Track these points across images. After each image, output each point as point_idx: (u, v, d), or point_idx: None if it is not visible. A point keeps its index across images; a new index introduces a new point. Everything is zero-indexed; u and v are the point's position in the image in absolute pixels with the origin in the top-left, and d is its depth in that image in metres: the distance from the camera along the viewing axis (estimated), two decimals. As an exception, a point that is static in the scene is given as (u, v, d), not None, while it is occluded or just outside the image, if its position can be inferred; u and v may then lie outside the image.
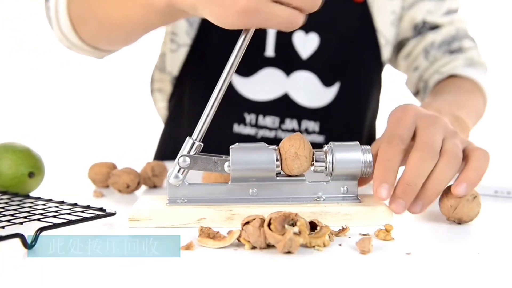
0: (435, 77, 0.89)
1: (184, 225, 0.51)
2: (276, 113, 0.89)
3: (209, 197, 0.53)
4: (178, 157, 0.53)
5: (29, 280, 0.38)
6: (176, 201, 0.53)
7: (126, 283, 0.38)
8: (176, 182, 0.53)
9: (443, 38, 0.90)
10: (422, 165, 0.51)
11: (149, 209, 0.52)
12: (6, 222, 0.48)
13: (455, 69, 0.88)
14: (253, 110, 0.89)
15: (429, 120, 0.55)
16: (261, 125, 0.89)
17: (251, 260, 0.42)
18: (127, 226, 0.51)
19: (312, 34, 0.89)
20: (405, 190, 0.50)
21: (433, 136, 0.53)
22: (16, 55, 2.05)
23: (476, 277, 0.39)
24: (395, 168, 0.52)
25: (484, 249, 0.45)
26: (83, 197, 0.65)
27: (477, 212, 0.52)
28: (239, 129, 0.90)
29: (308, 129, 0.90)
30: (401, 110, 0.57)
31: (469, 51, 0.91)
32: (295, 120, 0.90)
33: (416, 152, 0.52)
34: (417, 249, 0.45)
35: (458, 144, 0.54)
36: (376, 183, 0.51)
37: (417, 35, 0.92)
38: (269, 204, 0.53)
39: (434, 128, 0.54)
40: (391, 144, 0.53)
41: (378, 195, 0.50)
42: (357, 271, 0.40)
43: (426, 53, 0.91)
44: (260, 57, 0.88)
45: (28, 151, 0.63)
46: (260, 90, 0.89)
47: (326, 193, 0.54)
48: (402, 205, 0.50)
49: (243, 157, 0.52)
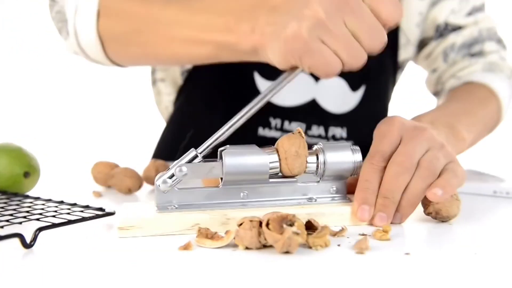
0: (451, 81, 0.87)
1: (178, 232, 0.49)
2: (302, 119, 0.87)
3: (200, 202, 0.52)
4: (175, 166, 0.50)
5: (28, 280, 0.38)
6: (166, 207, 0.51)
7: (125, 283, 0.38)
8: (165, 188, 0.51)
9: (464, 40, 0.88)
10: (398, 178, 0.51)
11: (139, 217, 0.49)
12: (5, 222, 0.48)
13: (472, 75, 0.85)
14: (279, 115, 0.87)
15: (413, 133, 0.54)
16: (287, 129, 0.87)
17: (249, 260, 0.42)
18: (118, 235, 0.49)
19: None
20: (384, 203, 0.51)
21: (413, 149, 0.53)
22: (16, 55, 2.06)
23: (474, 277, 0.39)
24: (374, 189, 0.52)
25: (481, 250, 0.45)
26: (82, 197, 0.65)
27: (455, 213, 0.53)
28: (263, 132, 0.87)
29: (336, 136, 0.89)
30: (387, 123, 0.56)
31: (490, 54, 0.88)
32: (322, 126, 0.88)
33: (391, 165, 0.52)
34: (414, 249, 0.45)
35: (438, 157, 0.53)
36: (356, 205, 0.51)
37: (438, 37, 0.90)
38: (263, 207, 0.52)
39: (416, 141, 0.53)
40: (371, 162, 0.53)
41: (359, 217, 0.51)
42: (355, 271, 0.40)
43: (445, 56, 0.89)
44: None
45: (22, 151, 0.63)
46: (288, 96, 0.86)
47: (315, 193, 0.54)
48: (384, 218, 0.51)
49: (236, 160, 0.51)
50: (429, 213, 0.53)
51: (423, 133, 0.54)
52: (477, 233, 0.50)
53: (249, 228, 0.44)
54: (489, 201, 0.65)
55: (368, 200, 0.51)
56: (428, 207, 0.53)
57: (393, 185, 0.51)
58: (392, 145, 0.54)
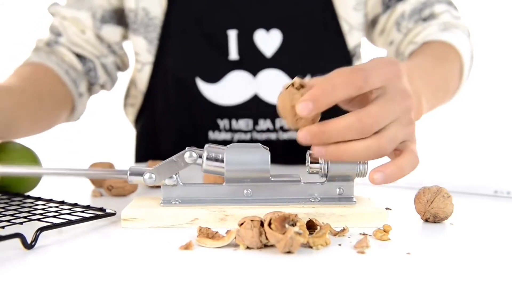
0: (409, 48, 0.85)
1: (178, 225, 0.51)
2: (248, 115, 0.90)
3: (203, 198, 0.53)
4: (144, 176, 0.52)
5: (29, 280, 0.38)
6: (170, 202, 0.53)
7: (125, 283, 0.38)
8: (171, 182, 0.53)
9: (413, 7, 0.87)
10: (349, 131, 0.47)
11: (142, 209, 0.52)
12: (6, 222, 0.48)
13: (428, 36, 0.83)
14: (225, 115, 0.90)
15: (397, 95, 0.49)
16: (235, 129, 0.90)
17: (250, 260, 0.42)
18: (122, 226, 0.51)
19: (274, 31, 0.88)
20: (321, 130, 0.47)
21: (385, 115, 0.47)
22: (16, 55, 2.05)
23: (474, 277, 0.39)
24: (331, 98, 0.46)
25: (482, 250, 0.45)
26: (83, 197, 0.65)
27: (451, 210, 0.53)
28: (214, 136, 0.91)
29: (284, 127, 0.90)
30: (392, 62, 0.50)
31: (442, 15, 0.86)
32: (268, 120, 0.90)
33: (353, 115, 0.47)
34: (414, 249, 0.45)
35: (398, 136, 0.49)
36: (305, 97, 0.46)
37: (386, 10, 0.89)
38: (263, 205, 0.52)
39: (394, 107, 0.48)
40: (352, 73, 0.47)
41: (299, 108, 0.46)
42: (356, 271, 0.40)
43: (398, 26, 0.88)
44: (224, 62, 0.89)
45: (25, 149, 0.63)
46: (229, 95, 0.89)
47: (321, 194, 0.53)
48: (309, 110, 0.46)
49: (237, 157, 0.52)
50: (427, 219, 0.53)
51: (405, 102, 0.49)
52: (477, 233, 0.51)
53: (250, 228, 0.44)
54: (489, 201, 0.65)
55: (319, 102, 0.46)
56: (424, 213, 0.53)
57: (339, 133, 0.47)
58: (379, 81, 0.48)
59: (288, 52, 0.89)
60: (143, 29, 0.90)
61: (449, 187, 0.69)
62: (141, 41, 0.91)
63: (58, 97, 0.83)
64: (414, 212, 0.55)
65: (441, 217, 0.52)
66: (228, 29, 0.88)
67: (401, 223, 0.53)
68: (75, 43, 0.87)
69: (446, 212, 0.52)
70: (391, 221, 0.52)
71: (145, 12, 0.89)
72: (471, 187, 0.68)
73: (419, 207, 0.53)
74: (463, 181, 0.71)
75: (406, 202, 0.61)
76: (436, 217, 0.52)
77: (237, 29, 0.88)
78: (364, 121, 0.47)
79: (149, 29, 0.90)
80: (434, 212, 0.52)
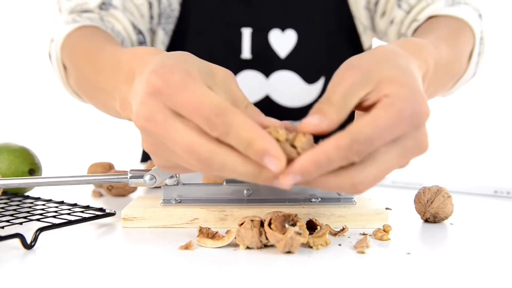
0: (412, 26, 0.76)
1: (177, 225, 0.51)
2: None
3: (203, 198, 0.53)
4: (144, 178, 0.52)
5: (28, 281, 0.38)
6: (170, 202, 0.53)
7: (125, 283, 0.38)
8: (171, 182, 0.53)
9: None
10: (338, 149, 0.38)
11: (142, 209, 0.52)
12: (5, 222, 0.48)
13: (435, 12, 0.72)
14: None
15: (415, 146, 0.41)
16: None
17: (250, 260, 0.42)
18: (122, 225, 0.52)
19: (289, 31, 0.86)
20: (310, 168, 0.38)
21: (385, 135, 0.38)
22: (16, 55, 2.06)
23: (474, 277, 0.39)
24: (325, 171, 0.39)
25: (482, 250, 0.45)
26: (82, 197, 0.65)
27: (451, 210, 0.53)
28: None
29: None
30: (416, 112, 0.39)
31: None
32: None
33: (346, 135, 0.38)
34: (414, 249, 0.45)
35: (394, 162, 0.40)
36: (293, 170, 0.38)
37: None
38: (263, 205, 0.52)
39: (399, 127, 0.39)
40: (352, 147, 0.38)
41: (283, 183, 0.38)
42: (356, 271, 0.40)
43: (399, 1, 0.79)
44: (236, 60, 0.86)
45: (24, 149, 0.63)
46: None
47: (321, 194, 0.53)
48: (296, 180, 0.38)
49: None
50: (427, 219, 0.53)
51: (420, 149, 0.41)
52: (477, 233, 0.50)
53: (250, 228, 0.44)
54: (489, 201, 0.65)
55: (309, 175, 0.38)
56: (424, 213, 0.53)
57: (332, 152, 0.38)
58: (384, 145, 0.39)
59: (303, 53, 0.86)
60: (164, 19, 0.86)
61: (449, 187, 0.69)
62: (160, 32, 0.88)
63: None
64: (414, 212, 0.55)
65: (441, 217, 0.53)
66: (243, 27, 0.86)
67: (401, 223, 0.53)
68: (130, 12, 0.80)
69: (446, 212, 0.52)
70: (391, 221, 0.52)
71: (168, 2, 0.86)
72: (471, 187, 0.68)
73: (419, 207, 0.53)
74: (463, 181, 0.71)
75: (406, 202, 0.61)
76: (436, 217, 0.52)
77: (252, 27, 0.85)
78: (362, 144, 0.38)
79: (169, 20, 0.86)
80: (434, 212, 0.52)
